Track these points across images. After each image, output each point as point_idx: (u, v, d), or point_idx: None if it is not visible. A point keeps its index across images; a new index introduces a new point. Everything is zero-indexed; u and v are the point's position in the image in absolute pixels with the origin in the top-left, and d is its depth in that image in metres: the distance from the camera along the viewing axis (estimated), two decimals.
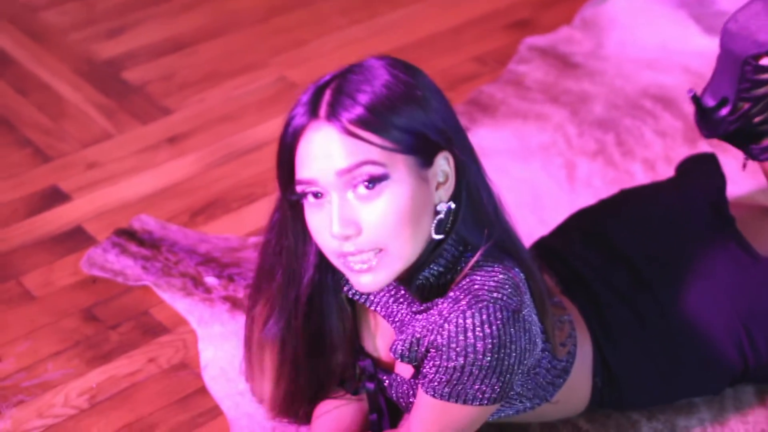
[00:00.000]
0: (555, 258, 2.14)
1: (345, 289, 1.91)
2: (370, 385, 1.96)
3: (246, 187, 2.67)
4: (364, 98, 1.69)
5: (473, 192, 1.79)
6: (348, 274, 1.75)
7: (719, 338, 2.02)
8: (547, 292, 1.87)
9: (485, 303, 1.71)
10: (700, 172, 2.29)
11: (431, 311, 1.78)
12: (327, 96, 1.70)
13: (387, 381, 1.95)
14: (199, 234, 2.55)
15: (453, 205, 1.77)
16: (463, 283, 1.75)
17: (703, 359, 2.03)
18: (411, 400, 1.91)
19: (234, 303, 2.35)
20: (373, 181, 1.68)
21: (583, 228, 2.20)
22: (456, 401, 1.77)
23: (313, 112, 1.70)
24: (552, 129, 2.87)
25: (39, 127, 2.87)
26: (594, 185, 2.68)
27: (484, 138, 2.83)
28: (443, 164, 1.75)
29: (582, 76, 3.07)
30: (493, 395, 1.76)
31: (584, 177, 2.71)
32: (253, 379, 2.02)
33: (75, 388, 2.19)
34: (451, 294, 1.75)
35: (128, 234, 2.52)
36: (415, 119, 1.70)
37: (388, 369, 1.96)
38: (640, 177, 2.69)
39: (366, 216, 1.70)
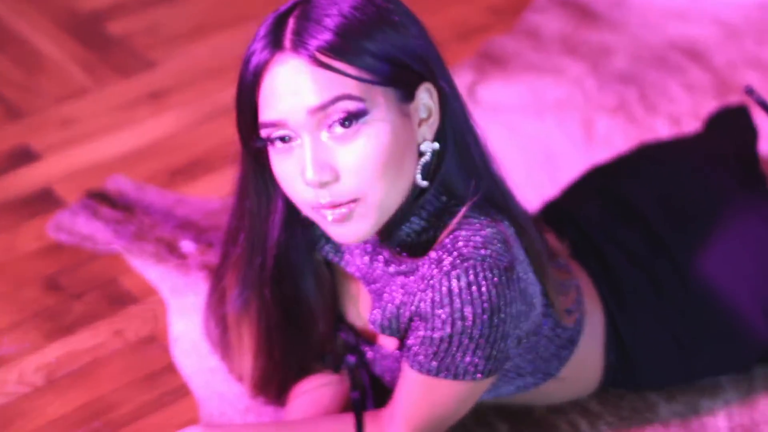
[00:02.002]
0: (564, 219, 1.93)
1: (319, 247, 1.69)
2: (351, 359, 1.76)
3: (230, 145, 2.37)
4: (332, 22, 1.48)
5: (458, 134, 1.58)
6: (324, 226, 1.55)
7: (746, 308, 1.81)
8: (546, 251, 1.65)
9: (472, 262, 1.51)
10: (729, 126, 2.13)
11: (412, 275, 1.57)
12: (291, 24, 1.50)
13: (370, 353, 1.75)
14: (178, 195, 2.34)
15: (438, 145, 1.56)
16: (446, 241, 1.54)
17: (729, 331, 1.82)
18: (396, 375, 1.71)
19: (211, 271, 2.13)
20: (351, 118, 1.48)
21: (597, 186, 2.01)
22: (445, 376, 1.58)
23: (275, 44, 1.50)
24: (569, 83, 2.67)
25: (12, 82, 2.66)
26: (613, 143, 2.48)
27: (494, 92, 2.63)
28: (425, 98, 1.55)
29: (603, 27, 2.87)
30: (487, 367, 1.57)
31: (603, 134, 2.51)
32: (231, 355, 1.82)
33: (31, 363, 1.99)
34: (433, 254, 1.55)
35: (100, 196, 2.31)
36: (392, 45, 1.50)
37: (372, 340, 1.75)
38: (665, 134, 2.49)
39: (343, 159, 1.49)
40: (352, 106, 1.48)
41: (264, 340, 1.75)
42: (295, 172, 1.52)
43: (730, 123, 2.14)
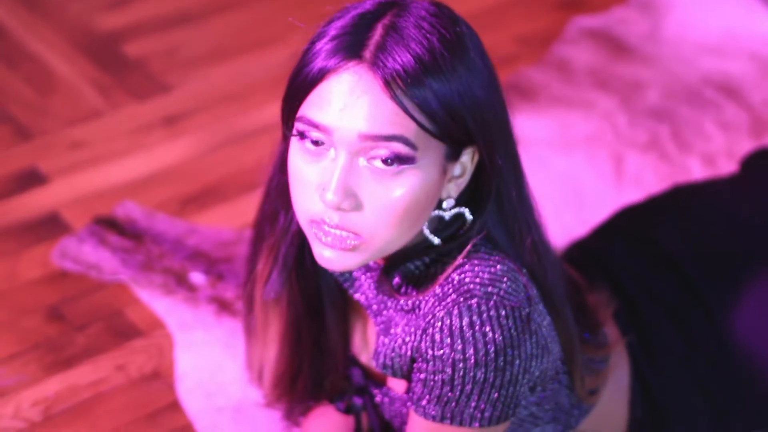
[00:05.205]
0: (591, 262, 1.82)
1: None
2: (358, 401, 1.66)
3: (246, 174, 2.36)
4: (417, 47, 1.38)
5: (505, 204, 1.50)
6: (313, 242, 1.44)
7: None
8: (579, 340, 1.56)
9: (476, 300, 1.42)
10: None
11: (417, 311, 1.48)
12: (377, 35, 1.39)
13: (379, 397, 1.65)
14: (189, 224, 2.24)
15: (463, 210, 1.48)
16: (454, 275, 1.45)
17: (764, 393, 1.72)
18: (406, 420, 1.61)
19: (221, 304, 2.05)
20: (396, 161, 1.38)
21: (627, 229, 1.91)
22: (450, 423, 1.47)
23: (354, 51, 1.39)
24: (599, 118, 2.57)
25: (24, 103, 2.57)
26: (644, 181, 2.38)
27: (521, 126, 2.48)
28: (466, 158, 1.46)
29: (635, 61, 2.77)
30: (495, 413, 1.46)
31: (633, 172, 2.41)
32: (253, 350, 1.70)
33: (28, 397, 1.90)
34: (438, 290, 1.45)
35: (109, 223, 2.22)
36: (458, 91, 1.40)
37: (382, 382, 1.65)
38: (698, 173, 2.40)
39: (371, 194, 1.40)
40: (404, 150, 1.39)
41: (292, 331, 1.64)
42: (314, 180, 1.41)
43: None
